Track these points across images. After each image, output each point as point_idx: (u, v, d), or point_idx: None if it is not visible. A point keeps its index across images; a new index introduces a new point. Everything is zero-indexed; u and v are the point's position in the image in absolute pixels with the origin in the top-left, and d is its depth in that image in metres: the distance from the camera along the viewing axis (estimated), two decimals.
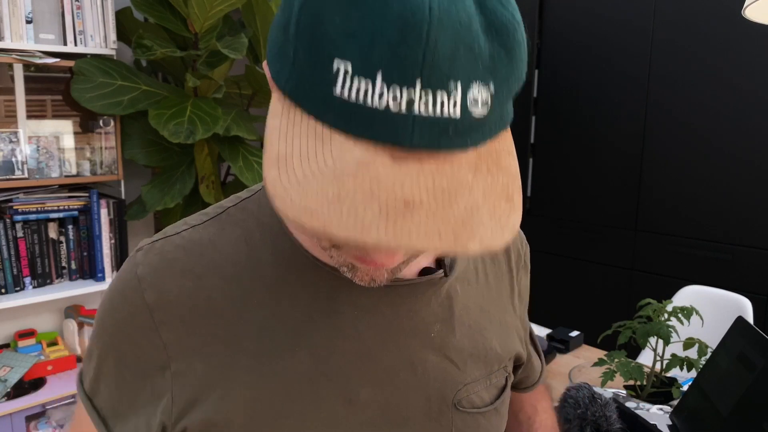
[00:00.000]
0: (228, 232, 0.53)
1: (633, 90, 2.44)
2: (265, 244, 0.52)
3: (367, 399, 0.52)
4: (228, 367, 0.49)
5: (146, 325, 0.50)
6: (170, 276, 0.51)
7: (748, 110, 2.15)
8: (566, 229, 2.72)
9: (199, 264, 0.51)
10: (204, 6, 1.88)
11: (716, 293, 1.93)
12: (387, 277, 0.46)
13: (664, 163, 2.38)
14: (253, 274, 0.52)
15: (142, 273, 0.51)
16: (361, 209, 0.33)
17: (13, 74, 1.88)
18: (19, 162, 1.91)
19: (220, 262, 0.52)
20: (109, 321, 0.53)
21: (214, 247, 0.52)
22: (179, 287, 0.50)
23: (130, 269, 0.52)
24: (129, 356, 0.51)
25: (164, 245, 0.53)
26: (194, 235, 0.53)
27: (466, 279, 0.60)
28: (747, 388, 0.95)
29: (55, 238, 2.02)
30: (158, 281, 0.50)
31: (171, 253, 0.52)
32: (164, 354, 0.50)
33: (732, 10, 2.14)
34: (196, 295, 0.50)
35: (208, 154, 2.09)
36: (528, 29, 2.74)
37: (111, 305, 0.53)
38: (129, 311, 0.51)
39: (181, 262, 0.51)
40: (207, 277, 0.51)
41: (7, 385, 1.86)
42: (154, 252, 0.52)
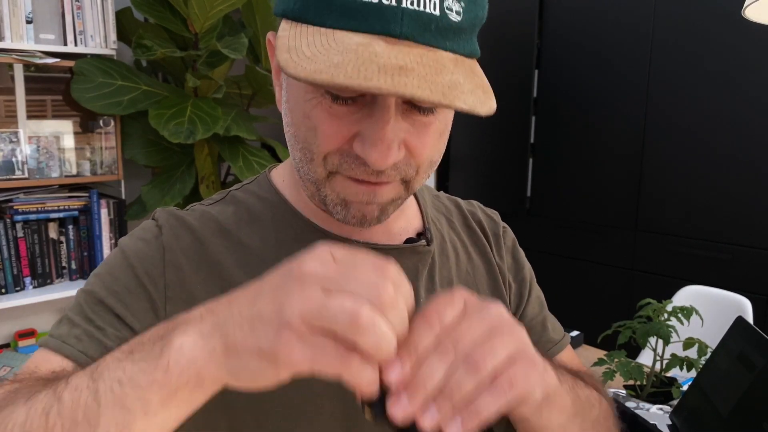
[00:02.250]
0: (232, 207, 0.61)
1: (633, 90, 2.44)
2: (265, 212, 0.60)
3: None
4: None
5: (157, 260, 0.56)
6: (184, 230, 0.58)
7: (748, 110, 2.15)
8: (566, 229, 2.72)
9: (207, 227, 0.59)
10: (204, 6, 1.88)
11: (716, 293, 1.93)
12: (376, 215, 0.52)
13: (664, 163, 2.38)
14: (254, 236, 0.58)
15: (162, 222, 0.58)
16: (363, 69, 0.40)
17: (14, 74, 1.88)
18: (20, 162, 1.91)
19: (226, 228, 0.59)
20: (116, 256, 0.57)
21: (220, 217, 0.60)
22: (190, 240, 0.57)
23: (149, 222, 0.60)
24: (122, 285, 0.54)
25: (178, 211, 0.61)
26: (203, 208, 0.62)
27: (446, 256, 0.64)
28: (747, 388, 0.95)
29: (55, 238, 2.02)
30: (174, 230, 0.58)
31: (184, 216, 0.60)
32: (163, 294, 0.54)
33: (732, 10, 2.14)
34: (203, 250, 0.57)
35: (208, 154, 2.09)
36: (528, 29, 2.74)
37: (121, 246, 0.58)
38: (142, 249, 0.56)
39: (192, 223, 0.59)
40: (213, 237, 0.58)
41: None
42: (171, 213, 0.60)
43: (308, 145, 0.50)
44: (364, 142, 0.47)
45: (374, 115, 0.47)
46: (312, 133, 0.49)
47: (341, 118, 0.48)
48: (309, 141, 0.50)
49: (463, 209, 0.72)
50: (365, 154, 0.47)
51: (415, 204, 0.67)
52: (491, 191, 3.01)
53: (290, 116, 0.51)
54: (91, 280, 0.57)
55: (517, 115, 2.84)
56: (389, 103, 0.46)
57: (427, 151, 0.51)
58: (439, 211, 0.70)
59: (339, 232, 0.58)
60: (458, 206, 0.73)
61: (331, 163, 0.50)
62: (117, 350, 0.43)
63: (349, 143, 0.48)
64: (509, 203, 2.92)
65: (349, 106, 0.47)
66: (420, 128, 0.49)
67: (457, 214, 0.71)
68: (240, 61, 2.11)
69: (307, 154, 0.51)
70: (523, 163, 2.84)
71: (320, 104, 0.48)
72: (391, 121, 0.47)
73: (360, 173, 0.49)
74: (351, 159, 0.49)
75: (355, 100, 0.47)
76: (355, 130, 0.48)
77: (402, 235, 0.62)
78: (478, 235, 0.70)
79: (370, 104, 0.47)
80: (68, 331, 0.53)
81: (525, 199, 2.86)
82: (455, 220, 0.70)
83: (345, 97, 0.47)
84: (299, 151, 0.51)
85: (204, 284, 0.55)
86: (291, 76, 0.41)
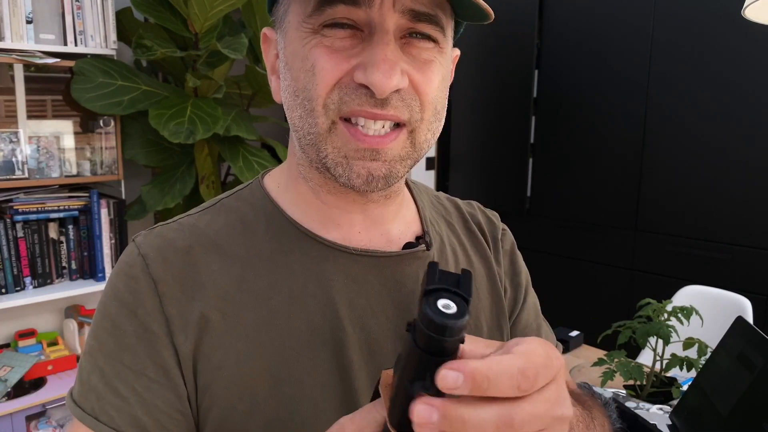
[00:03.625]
0: (223, 217, 0.58)
1: (633, 90, 2.44)
2: (258, 222, 0.57)
3: (359, 367, 0.54)
4: (227, 338, 0.52)
5: (151, 298, 0.52)
6: (172, 252, 0.54)
7: (747, 110, 2.15)
8: (566, 229, 2.72)
9: (198, 243, 0.55)
10: (204, 6, 1.88)
11: (716, 293, 1.93)
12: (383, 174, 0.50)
13: (664, 163, 2.38)
14: (249, 249, 0.56)
15: (145, 251, 0.54)
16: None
17: (14, 74, 1.88)
18: (20, 162, 1.91)
19: (218, 241, 0.56)
20: (113, 305, 0.53)
21: (211, 229, 0.57)
22: (181, 262, 0.54)
23: (131, 252, 0.55)
24: (131, 336, 0.52)
25: (162, 230, 0.57)
26: (190, 221, 0.58)
27: (445, 259, 0.63)
28: (747, 388, 0.95)
29: (55, 238, 2.02)
30: (161, 257, 0.54)
31: (170, 234, 0.56)
32: (166, 329, 0.52)
33: (732, 11, 2.14)
34: (196, 269, 0.54)
35: (209, 154, 2.09)
36: (528, 29, 2.74)
37: (114, 291, 0.54)
38: (134, 287, 0.53)
39: (180, 240, 0.55)
40: (205, 253, 0.55)
41: (7, 384, 1.86)
42: (153, 235, 0.56)
43: (308, 93, 0.49)
44: (366, 67, 0.47)
45: (373, 42, 0.47)
46: (311, 74, 0.49)
47: (340, 52, 0.48)
48: (308, 86, 0.49)
49: (463, 211, 0.71)
50: (368, 79, 0.47)
51: (414, 207, 0.66)
52: (491, 191, 3.01)
53: (289, 73, 0.51)
54: (100, 335, 0.53)
55: (517, 115, 2.84)
56: (388, 28, 0.47)
57: (431, 90, 0.50)
58: (438, 212, 0.69)
59: (337, 240, 0.56)
60: (458, 207, 0.72)
61: (332, 104, 0.49)
62: None
63: (350, 76, 0.48)
64: (509, 203, 2.92)
65: (347, 40, 0.48)
66: (422, 65, 0.50)
67: (456, 215, 0.70)
68: (240, 61, 2.11)
69: (306, 105, 0.49)
70: (523, 163, 2.84)
71: (319, 43, 0.48)
72: (391, 44, 0.48)
73: (363, 103, 0.48)
74: (351, 90, 0.48)
75: (354, 32, 0.48)
76: (355, 62, 0.48)
77: (401, 239, 0.61)
78: (478, 238, 0.69)
79: (368, 36, 0.48)
80: (99, 406, 0.51)
81: (525, 199, 2.86)
82: (455, 222, 0.69)
83: (343, 23, 0.48)
84: (299, 106, 0.50)
85: (204, 308, 0.53)
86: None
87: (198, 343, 0.52)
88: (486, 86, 2.94)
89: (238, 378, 0.51)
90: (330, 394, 0.53)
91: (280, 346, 0.52)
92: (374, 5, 0.47)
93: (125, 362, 0.51)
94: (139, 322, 0.52)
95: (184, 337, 0.51)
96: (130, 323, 0.52)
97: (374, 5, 0.47)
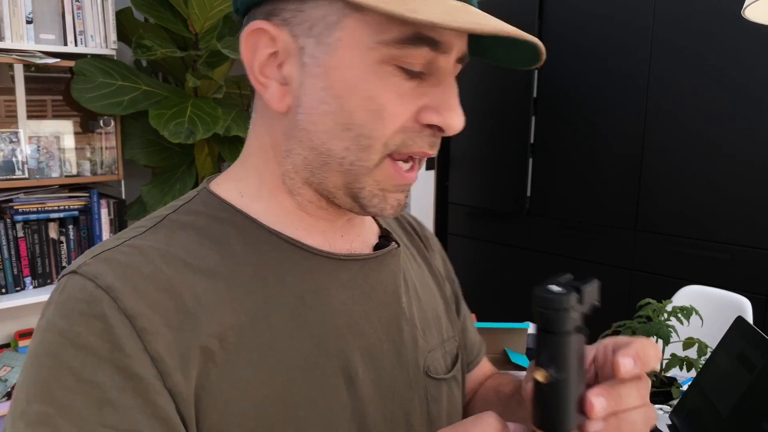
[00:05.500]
0: (179, 234, 0.49)
1: (633, 90, 2.44)
2: (230, 236, 0.50)
3: (363, 376, 0.52)
4: (230, 368, 0.46)
5: (130, 338, 0.42)
6: (141, 279, 0.44)
7: (748, 110, 2.16)
8: (566, 229, 2.72)
9: (166, 265, 0.46)
10: (204, 6, 1.88)
11: (716, 293, 1.93)
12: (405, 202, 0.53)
13: (664, 163, 2.38)
14: (229, 265, 0.49)
15: (107, 283, 0.43)
16: (480, 17, 0.45)
17: (14, 74, 1.88)
18: (20, 162, 1.91)
19: (189, 260, 0.47)
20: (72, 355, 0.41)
21: (174, 248, 0.48)
22: (155, 290, 0.45)
23: (84, 287, 0.43)
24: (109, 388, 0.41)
25: (109, 255, 0.46)
26: (143, 242, 0.48)
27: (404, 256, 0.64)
28: (747, 388, 0.95)
29: (55, 238, 2.02)
30: (130, 286, 0.44)
31: (125, 258, 0.45)
32: (154, 369, 0.42)
33: (732, 10, 2.14)
34: (178, 295, 0.45)
35: (209, 154, 2.09)
36: (528, 29, 2.74)
37: (69, 337, 0.42)
38: (102, 328, 0.42)
39: (145, 265, 0.45)
40: (181, 275, 0.46)
41: (7, 384, 1.86)
42: (102, 263, 0.45)
43: (367, 131, 0.47)
44: (439, 110, 0.48)
45: (442, 84, 0.48)
46: (376, 116, 0.46)
47: (407, 95, 0.47)
48: (369, 126, 0.47)
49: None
50: (445, 122, 0.48)
51: None
52: (491, 191, 3.01)
53: (337, 102, 0.47)
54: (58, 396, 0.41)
55: (517, 115, 2.84)
56: (452, 71, 0.49)
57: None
58: None
59: (322, 246, 0.53)
60: None
61: (393, 144, 0.48)
62: None
63: (414, 118, 0.48)
64: (509, 203, 2.92)
65: (416, 81, 0.47)
66: None
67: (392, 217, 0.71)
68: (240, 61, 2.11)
69: (362, 142, 0.47)
70: (523, 163, 2.84)
71: (387, 84, 0.46)
72: (455, 86, 0.50)
73: (424, 145, 0.49)
74: (416, 133, 0.48)
75: (422, 74, 0.47)
76: (420, 104, 0.48)
77: (371, 241, 0.60)
78: (414, 238, 0.70)
79: (429, 77, 0.48)
80: None
81: (525, 199, 2.86)
82: (392, 223, 0.69)
83: (417, 71, 0.47)
84: (350, 139, 0.47)
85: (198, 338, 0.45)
86: (422, 22, 0.41)
87: (199, 381, 0.44)
88: (486, 86, 2.94)
89: (250, 411, 0.46)
90: (340, 408, 0.50)
91: (288, 368, 0.48)
92: (452, 52, 0.48)
93: (108, 423, 0.41)
94: (118, 369, 0.41)
95: (181, 376, 0.43)
96: (105, 373, 0.41)
97: (452, 52, 0.48)
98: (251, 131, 0.54)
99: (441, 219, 3.30)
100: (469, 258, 3.11)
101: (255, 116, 0.54)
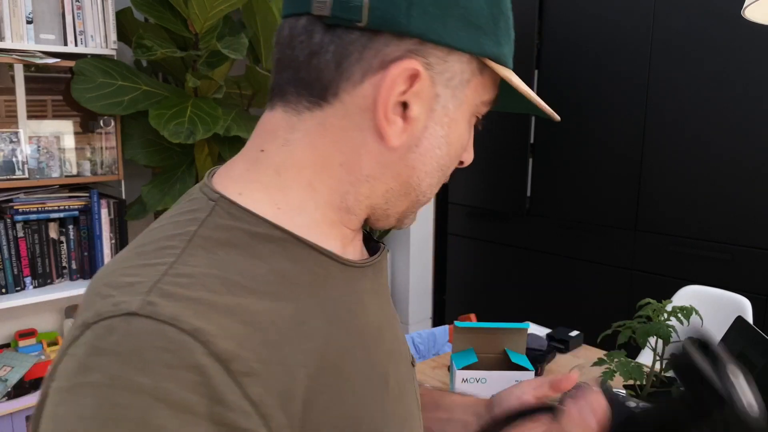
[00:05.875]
0: (222, 255, 0.43)
1: (632, 90, 2.44)
2: (276, 254, 0.46)
3: (392, 377, 0.54)
4: (320, 393, 0.43)
5: (228, 386, 0.37)
6: (222, 316, 0.39)
7: (747, 110, 2.16)
8: (566, 229, 2.72)
9: (232, 294, 0.41)
10: (204, 6, 1.88)
11: (716, 293, 1.93)
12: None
13: (664, 163, 2.38)
14: (286, 285, 0.45)
15: (191, 327, 0.37)
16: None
17: (14, 74, 1.88)
18: (20, 162, 1.91)
19: (250, 285, 0.42)
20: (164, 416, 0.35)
21: (228, 272, 0.42)
22: (239, 324, 0.40)
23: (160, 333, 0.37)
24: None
25: (172, 290, 0.39)
26: (192, 269, 0.41)
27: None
28: None
29: (55, 238, 2.02)
30: (217, 327, 0.38)
31: (194, 293, 0.40)
32: (258, 417, 0.38)
33: (731, 11, 2.14)
34: (258, 326, 0.41)
35: (209, 154, 2.09)
36: (528, 29, 2.74)
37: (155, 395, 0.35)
38: (198, 381, 0.36)
39: (215, 298, 0.40)
40: (251, 303, 0.42)
41: (7, 384, 1.86)
42: (172, 302, 0.38)
43: (449, 167, 0.54)
44: (468, 151, 0.56)
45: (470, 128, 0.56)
46: (458, 153, 0.54)
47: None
48: (452, 163, 0.54)
49: None
50: (467, 159, 0.56)
51: None
52: (491, 191, 3.01)
53: (446, 149, 0.51)
54: None
55: (517, 115, 2.84)
56: None
57: None
58: None
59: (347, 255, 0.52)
60: None
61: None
62: None
63: None
64: (509, 203, 2.92)
65: None
66: None
67: None
68: (240, 61, 2.11)
69: (441, 177, 0.53)
70: (523, 163, 2.85)
71: (471, 125, 0.54)
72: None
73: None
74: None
75: None
76: None
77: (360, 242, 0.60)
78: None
79: None
80: None
81: (525, 199, 2.86)
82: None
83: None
84: (439, 178, 0.53)
85: (294, 372, 0.42)
86: (522, 91, 0.50)
87: (302, 414, 0.41)
88: None
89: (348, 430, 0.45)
90: (389, 415, 0.52)
91: (372, 388, 0.49)
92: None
93: None
94: (220, 426, 0.36)
95: (283, 416, 0.40)
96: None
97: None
98: (305, 143, 0.49)
99: (441, 219, 3.30)
100: (469, 258, 3.12)
101: (315, 129, 0.49)
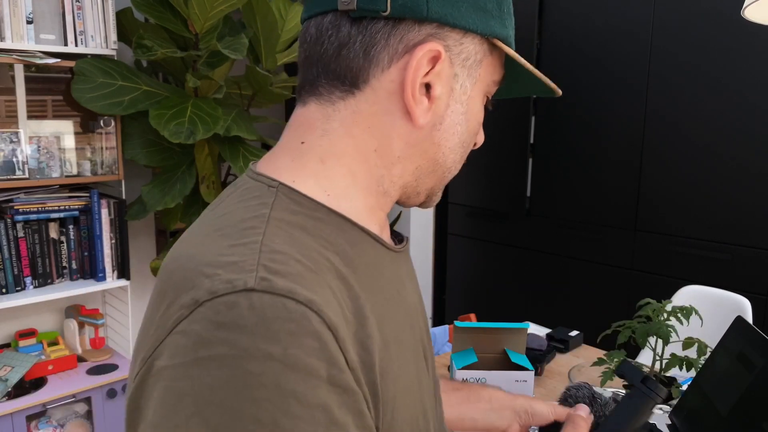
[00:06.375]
0: (298, 236, 0.46)
1: (632, 90, 2.44)
2: (337, 236, 0.49)
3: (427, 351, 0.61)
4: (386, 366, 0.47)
5: (338, 352, 0.41)
6: (322, 289, 0.43)
7: (747, 110, 2.16)
8: (566, 229, 2.73)
9: (315, 271, 0.44)
10: (204, 6, 1.88)
11: (716, 293, 1.93)
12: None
13: (664, 163, 2.38)
14: (349, 266, 0.48)
15: (306, 298, 0.41)
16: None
17: (14, 74, 1.89)
18: (20, 162, 1.91)
19: (326, 264, 0.46)
20: (291, 381, 0.38)
21: (307, 250, 0.46)
22: (333, 298, 0.44)
23: (281, 305, 0.40)
24: (330, 410, 0.40)
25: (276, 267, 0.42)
26: (280, 248, 0.44)
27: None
28: (746, 388, 0.95)
29: (55, 238, 2.03)
30: (322, 298, 0.42)
31: (294, 268, 0.43)
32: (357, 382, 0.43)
33: (731, 12, 2.14)
34: (343, 300, 0.45)
35: (209, 154, 2.09)
36: (528, 30, 2.74)
37: (283, 362, 0.38)
38: (315, 348, 0.40)
39: (309, 274, 0.43)
40: (332, 282, 0.45)
41: (7, 384, 1.86)
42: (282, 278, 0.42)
43: (468, 144, 0.58)
44: (481, 131, 0.61)
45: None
46: (476, 129, 0.58)
47: None
48: (471, 139, 0.59)
49: None
50: (480, 140, 0.61)
51: None
52: (491, 191, 3.01)
53: (466, 126, 0.56)
54: (290, 428, 0.37)
55: (516, 115, 2.84)
56: None
57: None
58: None
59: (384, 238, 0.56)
60: None
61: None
62: None
63: None
64: (509, 203, 2.92)
65: None
66: None
67: None
68: (240, 61, 2.11)
69: (463, 153, 0.59)
70: (523, 163, 2.85)
71: (482, 110, 0.58)
72: None
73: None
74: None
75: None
76: None
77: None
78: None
79: None
80: None
81: (525, 199, 2.86)
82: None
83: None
84: (461, 154, 0.58)
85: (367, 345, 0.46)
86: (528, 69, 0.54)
87: (381, 388, 0.46)
88: None
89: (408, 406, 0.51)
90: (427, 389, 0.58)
91: (417, 361, 0.56)
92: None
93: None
94: (335, 387, 0.40)
95: (365, 383, 0.44)
96: (326, 393, 0.40)
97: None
98: (342, 132, 0.52)
99: (441, 219, 3.30)
100: (469, 258, 3.12)
101: (350, 117, 0.52)
